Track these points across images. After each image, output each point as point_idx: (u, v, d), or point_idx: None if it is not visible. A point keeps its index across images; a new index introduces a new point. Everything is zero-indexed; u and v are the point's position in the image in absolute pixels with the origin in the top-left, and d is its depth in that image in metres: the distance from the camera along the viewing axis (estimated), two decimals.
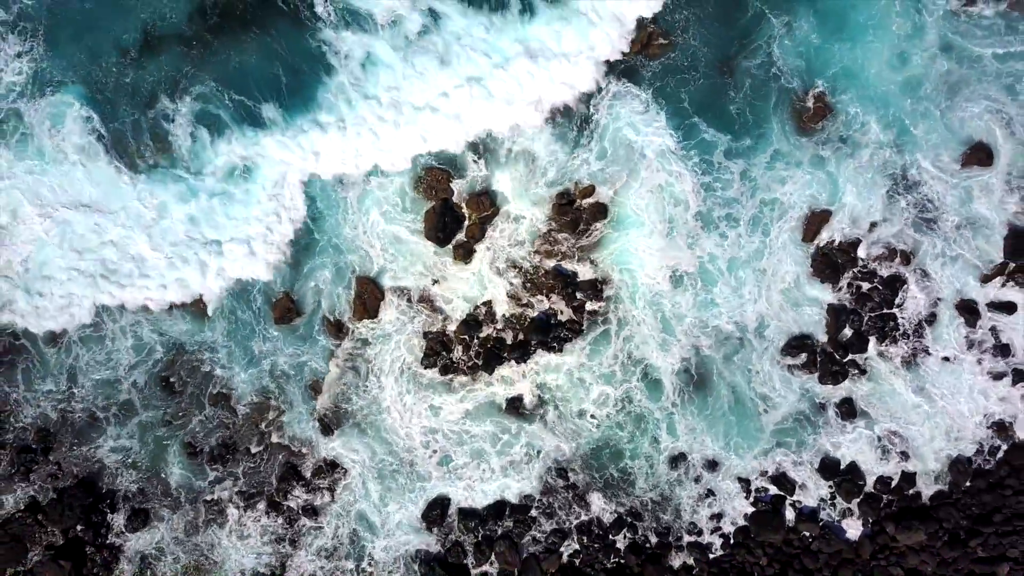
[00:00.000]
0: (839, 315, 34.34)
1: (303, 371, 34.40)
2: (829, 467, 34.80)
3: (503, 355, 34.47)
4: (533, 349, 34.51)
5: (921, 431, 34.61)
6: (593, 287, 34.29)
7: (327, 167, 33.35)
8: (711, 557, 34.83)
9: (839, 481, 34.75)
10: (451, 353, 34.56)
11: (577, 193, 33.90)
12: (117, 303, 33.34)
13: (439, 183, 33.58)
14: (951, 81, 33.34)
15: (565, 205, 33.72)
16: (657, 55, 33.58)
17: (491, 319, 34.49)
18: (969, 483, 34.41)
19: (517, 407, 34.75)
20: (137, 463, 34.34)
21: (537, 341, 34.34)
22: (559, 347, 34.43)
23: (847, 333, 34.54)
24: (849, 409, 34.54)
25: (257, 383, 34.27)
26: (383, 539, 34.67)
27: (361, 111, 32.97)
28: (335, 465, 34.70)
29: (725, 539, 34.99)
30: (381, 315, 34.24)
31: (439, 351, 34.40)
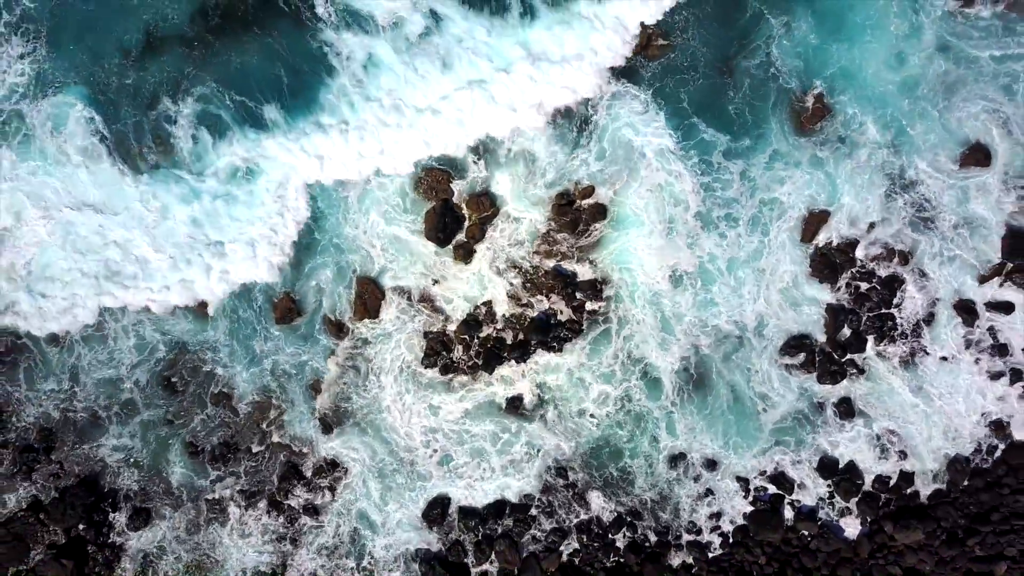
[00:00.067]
0: (838, 315, 34.39)
1: (304, 370, 34.45)
2: (828, 466, 34.85)
3: (503, 355, 34.53)
4: (533, 349, 34.57)
5: (919, 430, 34.66)
6: (593, 287, 34.35)
7: (330, 172, 33.32)
8: (710, 556, 34.87)
9: (837, 480, 34.78)
10: (451, 353, 34.64)
11: (577, 193, 33.96)
12: (120, 305, 33.30)
13: (439, 184, 33.63)
14: (949, 81, 33.37)
15: (565, 205, 33.77)
16: (657, 56, 33.59)
17: (491, 319, 34.55)
18: (967, 482, 34.45)
19: (517, 407, 34.82)
20: (139, 462, 34.39)
21: (537, 341, 34.40)
22: (559, 347, 34.49)
23: (846, 333, 34.58)
24: (847, 409, 34.60)
25: (258, 382, 34.32)
26: (384, 538, 34.74)
27: (363, 113, 32.97)
28: (336, 464, 34.76)
29: (724, 538, 35.01)
30: (382, 315, 34.34)
31: (439, 351, 34.47)
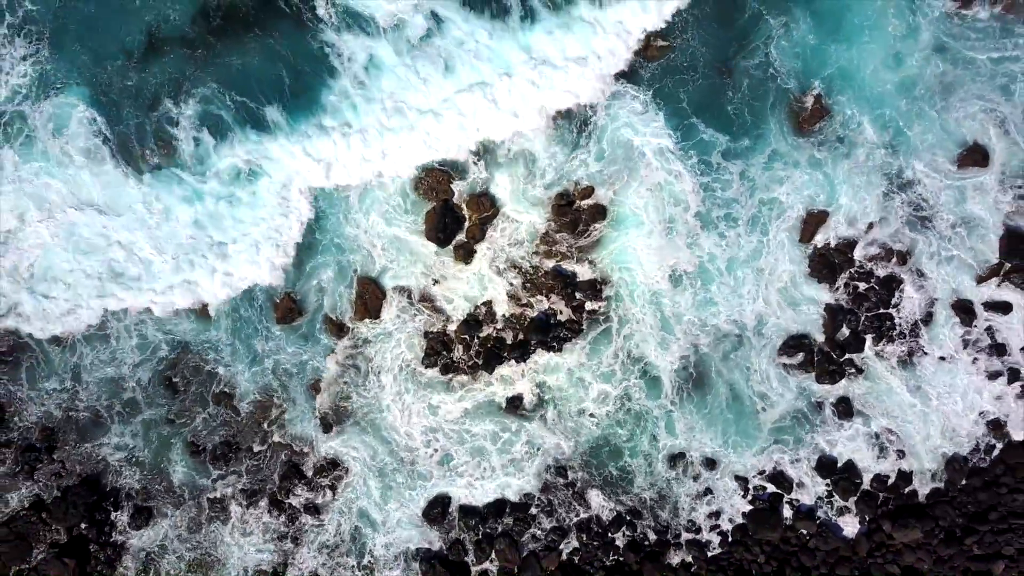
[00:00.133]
0: (836, 315, 34.49)
1: (305, 370, 34.55)
2: (826, 465, 34.95)
3: (503, 355, 34.64)
4: (533, 349, 34.67)
5: (917, 430, 34.75)
6: (592, 287, 34.44)
7: (333, 177, 33.41)
8: (709, 555, 34.97)
9: (836, 479, 34.88)
10: (451, 353, 34.75)
11: (576, 194, 34.04)
12: (123, 307, 33.36)
13: (440, 184, 33.71)
14: (947, 82, 33.43)
15: (564, 206, 33.86)
16: (656, 57, 33.61)
17: (491, 319, 34.65)
18: (965, 481, 34.56)
19: (517, 406, 34.92)
20: (140, 461, 34.50)
21: (537, 341, 34.51)
22: (559, 347, 34.60)
23: (844, 333, 34.67)
24: (846, 408, 34.69)
25: (259, 382, 34.42)
26: (384, 536, 34.85)
27: (365, 116, 32.99)
28: (336, 463, 34.87)
29: (723, 537, 35.12)
30: (382, 315, 34.41)
31: (440, 351, 34.58)
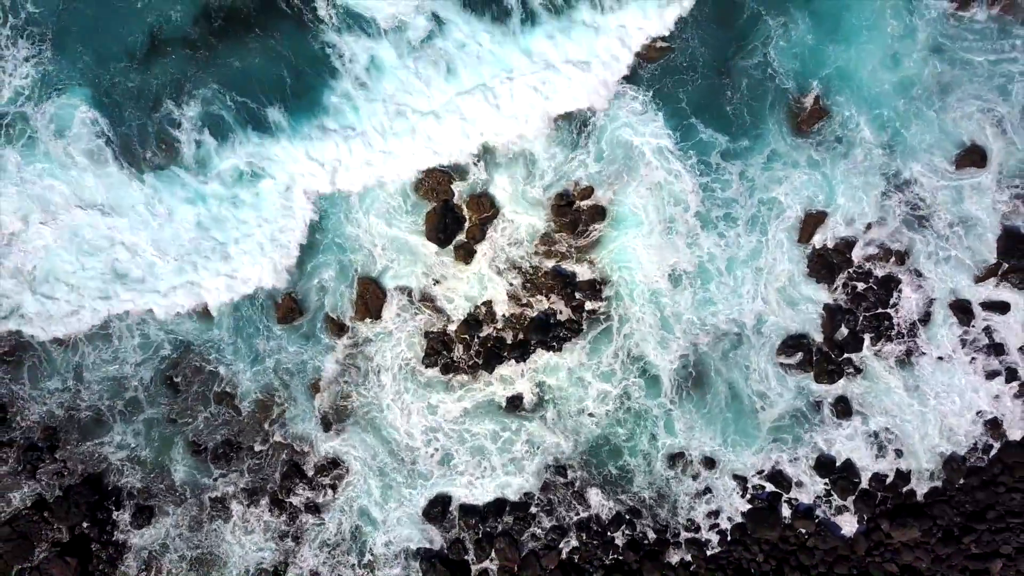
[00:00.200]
0: (835, 315, 34.60)
1: (306, 369, 34.64)
2: (825, 465, 35.04)
3: (503, 354, 34.74)
4: (533, 348, 34.78)
5: (916, 429, 34.83)
6: (592, 287, 34.54)
7: (336, 182, 33.53)
8: (708, 554, 35.04)
9: (835, 478, 34.96)
10: (452, 352, 34.86)
11: (576, 194, 34.16)
12: (126, 310, 33.43)
13: (440, 185, 33.83)
14: (944, 83, 33.56)
15: (564, 206, 33.96)
16: (656, 57, 33.72)
17: (491, 319, 34.75)
18: (963, 480, 34.66)
19: (517, 406, 35.02)
20: (142, 460, 34.57)
21: (537, 340, 34.63)
22: (558, 346, 34.72)
23: (843, 332, 34.78)
24: (845, 407, 34.79)
25: (260, 381, 34.52)
26: (384, 535, 34.92)
27: (366, 118, 33.08)
28: (337, 462, 34.97)
29: (722, 536, 35.20)
30: (383, 314, 34.52)
31: (440, 350, 34.68)
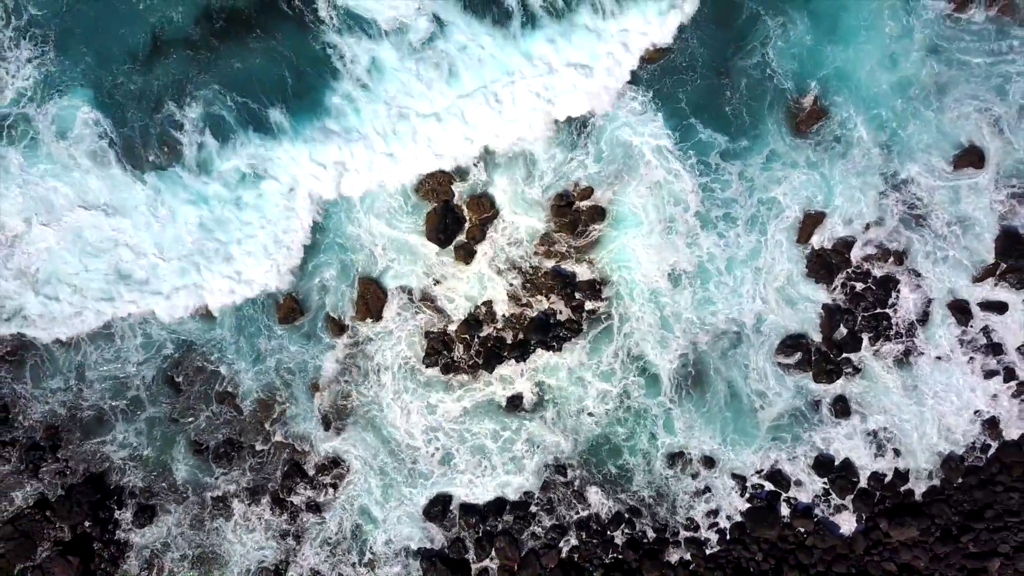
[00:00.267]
0: (833, 315, 34.71)
1: (307, 369, 34.74)
2: (823, 464, 35.14)
3: (503, 354, 34.86)
4: (533, 348, 34.90)
5: (914, 428, 34.91)
6: (592, 287, 34.65)
7: (339, 188, 33.66)
8: (708, 553, 35.13)
9: (833, 478, 35.05)
10: (452, 352, 34.98)
11: (576, 195, 34.28)
12: (130, 312, 33.53)
13: (440, 185, 33.94)
14: (943, 83, 33.65)
15: (564, 207, 34.07)
16: (655, 58, 33.82)
17: (491, 319, 34.87)
18: (961, 480, 34.76)
19: (517, 405, 35.13)
20: (144, 460, 34.70)
21: (537, 340, 34.74)
22: (558, 346, 34.83)
23: (842, 332, 34.87)
24: (843, 407, 34.89)
25: (262, 381, 34.63)
26: (385, 534, 35.01)
27: (368, 119, 33.15)
28: (338, 461, 35.08)
29: (721, 535, 35.28)
30: (384, 314, 34.63)
31: (440, 350, 34.80)
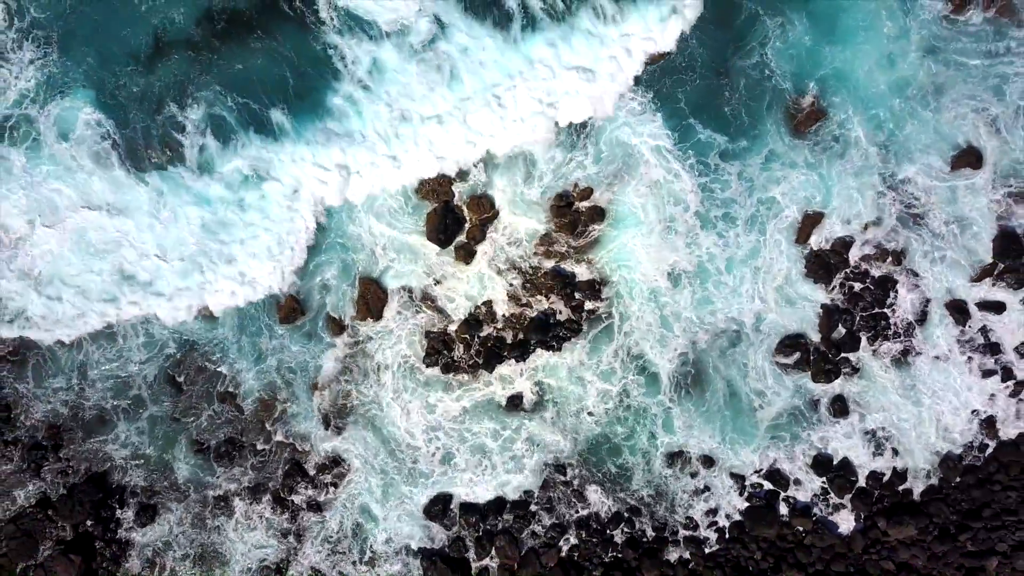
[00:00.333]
0: (832, 315, 34.82)
1: (308, 368, 34.85)
2: (822, 463, 35.26)
3: (503, 354, 34.97)
4: (533, 348, 35.01)
5: (912, 427, 35.03)
6: (591, 287, 34.76)
7: (342, 194, 33.77)
8: (707, 551, 35.23)
9: (832, 477, 35.16)
10: (452, 352, 35.09)
11: (575, 195, 34.39)
12: (131, 315, 33.61)
13: (440, 186, 34.05)
14: (941, 84, 33.79)
15: (564, 207, 34.20)
16: (655, 59, 33.99)
17: (491, 319, 34.98)
18: (959, 479, 34.86)
19: (517, 405, 35.24)
20: (146, 459, 34.78)
21: (537, 340, 34.86)
22: (558, 346, 34.94)
23: (840, 332, 34.97)
24: (842, 407, 35.00)
25: (263, 380, 34.74)
26: (385, 532, 35.09)
27: (369, 122, 33.24)
28: (338, 460, 35.18)
29: (721, 534, 35.37)
30: (384, 314, 34.74)
31: (441, 350, 34.92)
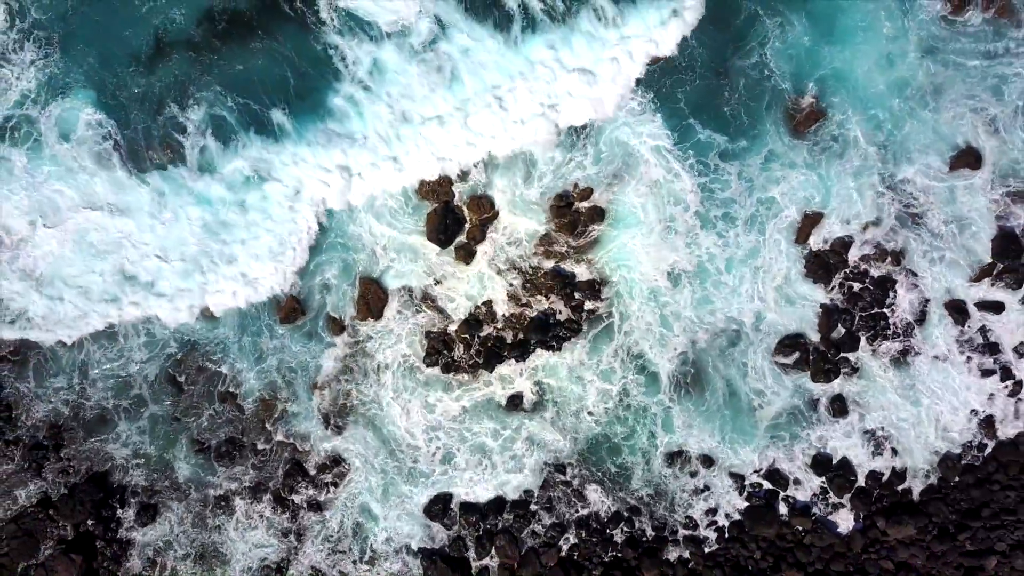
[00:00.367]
0: (831, 314, 34.89)
1: (308, 368, 34.91)
2: (821, 463, 35.30)
3: (503, 354, 35.03)
4: (533, 348, 35.07)
5: (911, 427, 35.08)
6: (591, 287, 34.82)
7: (342, 194, 33.84)
8: (706, 551, 35.26)
9: (831, 476, 35.20)
10: (452, 352, 35.16)
11: (575, 195, 34.46)
12: (133, 317, 33.69)
13: (440, 186, 34.13)
14: (940, 84, 33.89)
15: (563, 207, 34.27)
16: (656, 60, 34.06)
17: (491, 318, 35.05)
18: (958, 478, 34.93)
19: (517, 404, 35.30)
20: (147, 459, 34.83)
21: (536, 340, 34.92)
22: (558, 346, 35.01)
23: (839, 332, 35.02)
24: (841, 406, 35.05)
25: (263, 380, 34.80)
26: (385, 532, 35.14)
27: (370, 123, 33.31)
28: (339, 460, 35.24)
29: (720, 533, 35.41)
30: (384, 314, 34.81)
31: (441, 350, 34.98)
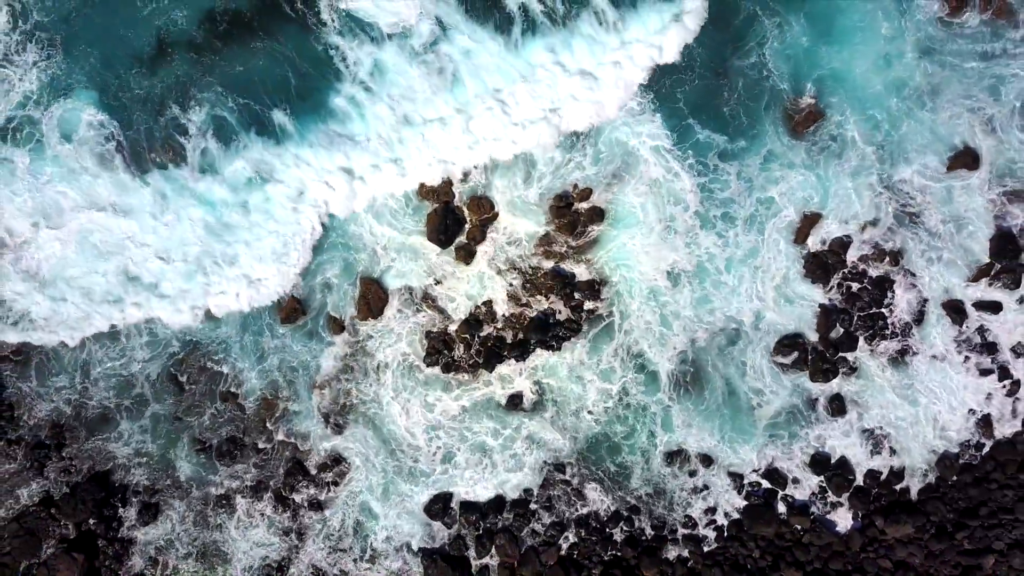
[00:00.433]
0: (830, 315, 34.99)
1: (309, 368, 35.04)
2: (820, 462, 35.44)
3: (503, 353, 35.15)
4: (533, 347, 35.18)
5: (909, 427, 35.20)
6: (591, 287, 34.93)
7: (344, 197, 33.90)
8: (705, 550, 35.40)
9: (830, 475, 35.34)
10: (453, 352, 35.27)
11: (575, 195, 34.56)
12: (136, 319, 33.78)
13: (441, 187, 34.25)
14: (937, 85, 33.99)
15: (563, 207, 34.37)
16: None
17: (491, 318, 35.15)
18: (956, 477, 35.06)
19: (517, 404, 35.42)
20: (148, 458, 34.96)
21: (536, 340, 35.03)
22: (558, 345, 35.12)
23: (838, 332, 35.13)
24: (839, 406, 35.18)
25: (265, 380, 34.92)
26: (386, 530, 35.27)
27: (372, 124, 33.39)
28: (339, 459, 35.36)
29: (719, 532, 35.55)
30: (385, 314, 34.92)
31: (441, 349, 35.09)
